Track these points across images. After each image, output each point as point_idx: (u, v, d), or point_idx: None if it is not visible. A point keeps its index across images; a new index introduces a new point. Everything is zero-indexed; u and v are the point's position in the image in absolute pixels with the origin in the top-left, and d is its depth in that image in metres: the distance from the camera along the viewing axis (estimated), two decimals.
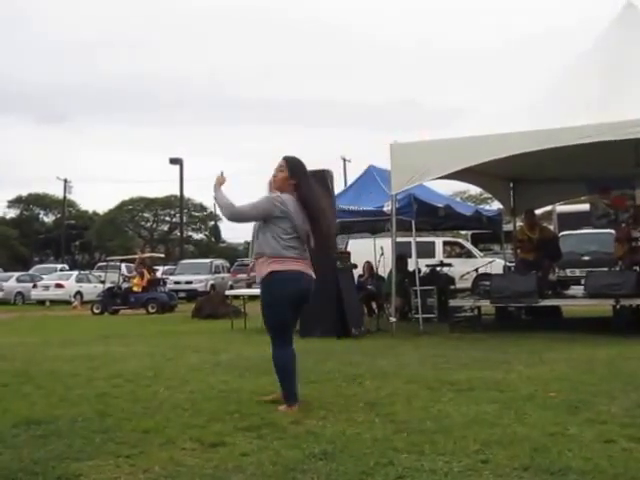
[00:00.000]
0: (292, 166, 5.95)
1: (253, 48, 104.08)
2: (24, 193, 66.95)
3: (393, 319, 12.39)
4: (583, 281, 12.99)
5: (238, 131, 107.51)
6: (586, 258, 20.18)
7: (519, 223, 17.12)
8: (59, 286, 32.30)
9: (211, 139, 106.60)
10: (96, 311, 24.31)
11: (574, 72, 12.30)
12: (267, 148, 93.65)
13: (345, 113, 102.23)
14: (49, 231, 65.50)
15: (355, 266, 14.91)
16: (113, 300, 24.75)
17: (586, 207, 17.47)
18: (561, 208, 23.46)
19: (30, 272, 39.53)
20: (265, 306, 5.93)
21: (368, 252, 16.57)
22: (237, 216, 6.04)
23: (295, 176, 5.91)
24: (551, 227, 21.52)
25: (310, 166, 6.24)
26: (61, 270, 39.60)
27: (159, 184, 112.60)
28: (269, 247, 5.78)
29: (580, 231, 21.00)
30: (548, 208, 22.85)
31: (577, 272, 18.78)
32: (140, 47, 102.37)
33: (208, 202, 64.83)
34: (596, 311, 13.49)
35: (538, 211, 16.18)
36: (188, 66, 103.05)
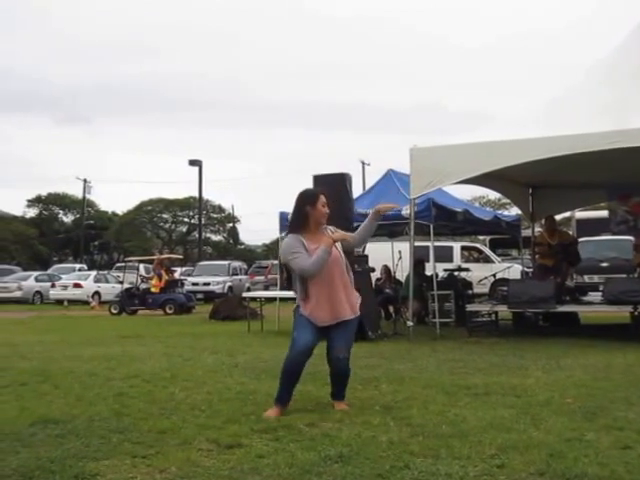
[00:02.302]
0: None
1: (273, 50, 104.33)
2: (44, 193, 67.18)
3: (410, 323, 12.37)
4: (601, 287, 12.94)
5: (257, 133, 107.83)
6: (604, 264, 20.10)
7: (538, 229, 17.07)
8: (77, 286, 32.41)
9: (230, 141, 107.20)
10: (114, 311, 24.40)
11: (597, 76, 12.25)
12: (286, 150, 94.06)
13: (365, 116, 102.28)
14: (68, 231, 65.67)
15: (373, 269, 14.89)
16: (131, 301, 24.81)
17: (605, 213, 17.39)
18: (580, 214, 23.38)
19: (49, 272, 39.70)
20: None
21: (386, 256, 16.55)
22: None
23: None
24: (570, 233, 21.44)
25: (329, 169, 6.29)
26: (80, 270, 39.70)
27: (178, 185, 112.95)
28: None
29: (599, 237, 20.92)
30: (567, 214, 22.79)
31: (595, 278, 18.74)
32: (161, 49, 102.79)
33: (226, 204, 65.20)
34: (614, 318, 13.42)
35: (557, 217, 16.11)
36: (208, 68, 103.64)
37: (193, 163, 47.42)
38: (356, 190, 13.79)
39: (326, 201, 5.92)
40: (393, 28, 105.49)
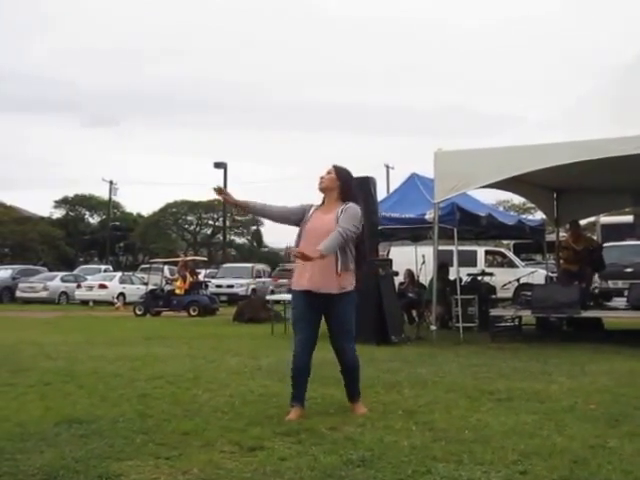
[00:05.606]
0: (340, 172, 6.03)
1: (299, 52, 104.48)
2: (70, 194, 67.56)
3: (433, 327, 12.36)
4: (626, 293, 12.85)
5: (283, 136, 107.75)
6: (629, 270, 19.93)
7: (562, 233, 16.99)
8: (103, 287, 32.58)
9: (255, 144, 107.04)
10: (138, 312, 24.49)
11: (621, 79, 12.19)
12: (312, 153, 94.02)
13: (390, 119, 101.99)
14: (94, 232, 66.00)
15: (396, 273, 14.87)
16: (155, 302, 24.90)
17: (630, 218, 17.27)
18: (605, 219, 23.23)
19: (74, 272, 39.94)
20: None
21: (409, 260, 16.53)
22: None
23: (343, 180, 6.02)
24: (594, 238, 21.33)
25: (353, 173, 6.23)
26: (105, 271, 39.94)
27: (203, 188, 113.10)
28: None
29: (624, 242, 20.78)
30: (592, 219, 22.67)
31: (620, 284, 18.57)
32: (187, 52, 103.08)
33: None
34: (639, 323, 13.32)
35: (581, 222, 16.04)
36: (234, 70, 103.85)
37: (218, 165, 47.44)
38: (380, 194, 13.81)
39: (330, 172, 6.00)
40: (415, 28, 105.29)
